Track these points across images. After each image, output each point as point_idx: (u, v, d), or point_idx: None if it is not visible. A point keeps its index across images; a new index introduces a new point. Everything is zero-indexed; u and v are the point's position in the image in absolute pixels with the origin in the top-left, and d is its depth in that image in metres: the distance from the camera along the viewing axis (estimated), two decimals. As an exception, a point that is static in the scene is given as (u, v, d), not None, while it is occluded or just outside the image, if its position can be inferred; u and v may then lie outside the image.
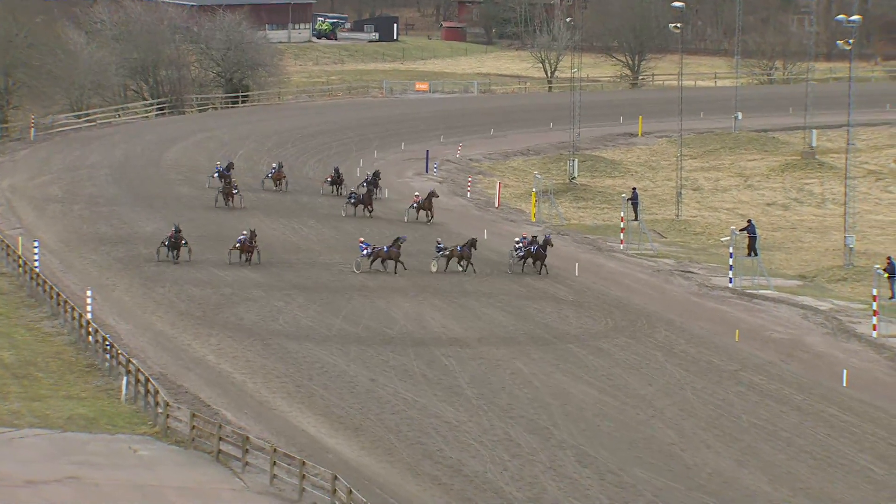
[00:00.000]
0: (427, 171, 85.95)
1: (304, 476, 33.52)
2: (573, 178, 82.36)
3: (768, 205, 78.41)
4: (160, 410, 38.52)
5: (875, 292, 49.61)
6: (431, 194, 66.64)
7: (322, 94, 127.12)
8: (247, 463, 35.34)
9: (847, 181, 64.09)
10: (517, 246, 55.91)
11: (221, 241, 62.16)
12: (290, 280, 55.87)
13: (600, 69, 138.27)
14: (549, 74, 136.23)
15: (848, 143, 65.16)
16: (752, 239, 58.02)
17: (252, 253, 56.84)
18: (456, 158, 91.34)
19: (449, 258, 56.21)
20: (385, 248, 56.58)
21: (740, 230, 58.46)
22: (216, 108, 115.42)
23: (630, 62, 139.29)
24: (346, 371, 43.58)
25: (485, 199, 78.16)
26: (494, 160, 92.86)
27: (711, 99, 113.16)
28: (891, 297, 49.74)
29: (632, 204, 66.14)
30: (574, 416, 39.54)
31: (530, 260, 56.20)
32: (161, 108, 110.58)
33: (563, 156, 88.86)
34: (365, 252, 56.57)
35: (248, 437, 35.75)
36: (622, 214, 66.16)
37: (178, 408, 38.71)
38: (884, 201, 78.60)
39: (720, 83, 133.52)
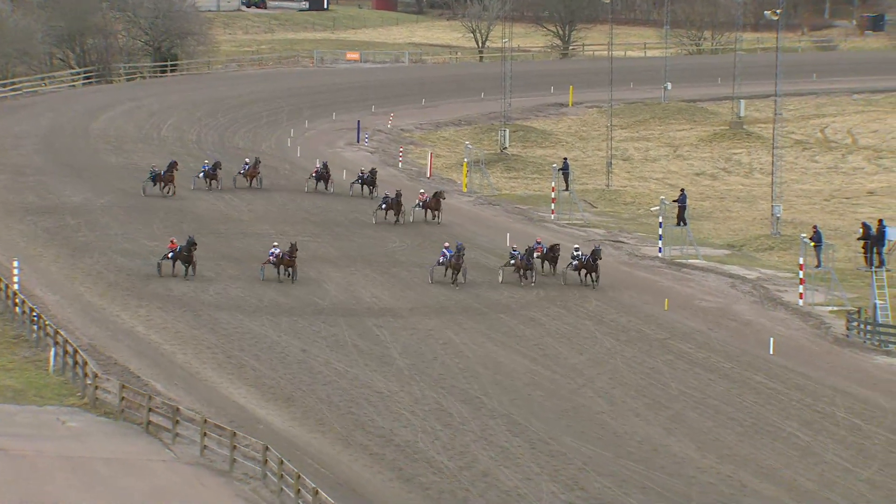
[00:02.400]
0: (358, 142, 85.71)
1: (234, 447, 33.42)
2: (504, 148, 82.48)
3: (697, 174, 78.98)
4: (89, 382, 38.21)
5: (801, 261, 50.17)
6: (438, 194, 61.29)
7: (252, 64, 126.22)
8: (177, 434, 35.17)
9: (774, 151, 64.69)
10: (573, 255, 50.75)
11: (150, 212, 61.68)
12: (220, 251, 55.53)
13: (531, 39, 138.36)
14: (480, 44, 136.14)
15: (775, 113, 65.77)
16: (682, 209, 58.44)
17: (293, 267, 50.06)
18: (387, 128, 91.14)
19: (516, 269, 50.59)
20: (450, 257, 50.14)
21: (673, 201, 58.84)
22: (144, 78, 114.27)
23: (560, 32, 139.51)
24: (278, 342, 43.45)
25: (416, 170, 78.10)
26: (426, 130, 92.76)
27: (641, 69, 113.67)
28: (817, 266, 50.35)
29: (563, 174, 66.37)
30: (505, 386, 39.70)
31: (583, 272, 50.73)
32: (88, 77, 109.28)
33: (494, 126, 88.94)
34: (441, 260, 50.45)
35: (178, 409, 35.57)
36: (553, 184, 66.38)
37: (107, 379, 38.42)
38: (810, 171, 79.44)
39: (650, 53, 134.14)
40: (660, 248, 57.61)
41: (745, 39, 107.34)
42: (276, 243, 51.12)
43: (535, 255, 51.11)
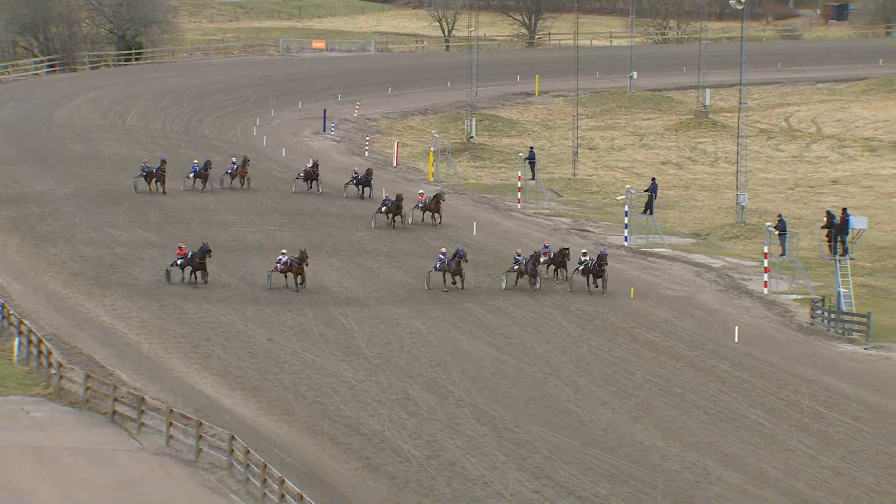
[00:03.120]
0: (325, 131, 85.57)
1: (200, 436, 33.35)
2: (471, 137, 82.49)
3: (663, 163, 79.20)
4: (54, 371, 38.04)
5: (766, 249, 50.40)
6: (438, 196, 58.97)
7: (217, 52, 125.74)
8: (142, 424, 35.06)
9: (739, 140, 64.94)
10: (580, 260, 48.87)
11: (115, 201, 61.42)
12: (186, 240, 55.32)
13: (497, 28, 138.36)
14: (447, 33, 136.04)
15: (740, 102, 66.01)
16: (651, 198, 58.56)
17: (301, 275, 47.40)
18: (353, 117, 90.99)
19: (519, 275, 48.57)
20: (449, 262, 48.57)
21: (644, 190, 58.99)
22: (109, 66, 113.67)
23: (527, 21, 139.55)
24: (244, 331, 43.36)
25: (383, 158, 78.03)
26: (392, 119, 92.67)
27: (607, 58, 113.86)
28: (781, 255, 50.61)
29: (529, 163, 66.45)
30: (472, 375, 39.74)
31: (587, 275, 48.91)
32: (52, 66, 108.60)
33: (460, 115, 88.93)
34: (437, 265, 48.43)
35: (143, 398, 35.46)
36: (519, 173, 66.44)
37: (72, 369, 38.24)
38: (775, 159, 79.79)
39: (615, 42, 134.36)
40: (626, 238, 57.78)
41: (710, 29, 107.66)
42: (284, 251, 48.34)
43: (541, 259, 48.96)
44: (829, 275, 49.12)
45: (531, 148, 70.62)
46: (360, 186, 63.05)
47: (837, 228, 47.10)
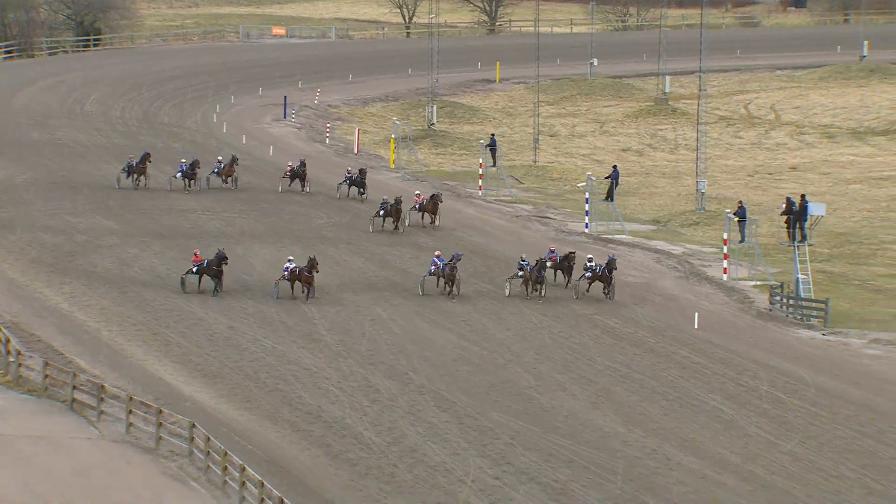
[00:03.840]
0: (285, 117, 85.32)
1: (160, 424, 33.23)
2: (432, 124, 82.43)
3: (623, 150, 79.41)
4: (12, 359, 37.78)
5: (726, 236, 50.64)
6: (435, 196, 56.08)
7: (177, 38, 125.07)
8: (102, 412, 34.89)
9: (699, 127, 65.19)
10: (586, 266, 46.54)
11: (74, 189, 61.04)
12: (145, 227, 55.07)
13: (458, 15, 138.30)
14: (407, 20, 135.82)
15: (700, 89, 66.26)
16: (613, 185, 58.72)
17: (311, 285, 44.80)
18: (314, 104, 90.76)
19: (524, 281, 45.98)
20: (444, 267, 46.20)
21: (606, 177, 59.10)
22: (67, 52, 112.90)
23: (487, 8, 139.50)
24: (204, 318, 43.20)
25: (344, 145, 77.89)
26: (353, 106, 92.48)
27: (567, 45, 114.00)
28: (740, 241, 50.85)
29: (490, 150, 66.48)
30: (433, 362, 39.76)
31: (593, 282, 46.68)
32: (9, 52, 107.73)
33: (421, 102, 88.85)
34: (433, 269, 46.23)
35: (103, 386, 35.28)
36: (481, 160, 66.47)
37: (31, 356, 38.00)
38: (734, 146, 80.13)
39: (576, 30, 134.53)
40: (586, 224, 57.92)
41: (670, 16, 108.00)
42: (291, 257, 45.65)
43: (547, 264, 46.41)
44: (787, 261, 49.39)
45: (492, 135, 70.65)
46: (354, 187, 59.85)
47: (796, 215, 47.35)
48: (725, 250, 50.54)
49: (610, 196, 58.37)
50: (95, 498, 30.55)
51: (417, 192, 58.05)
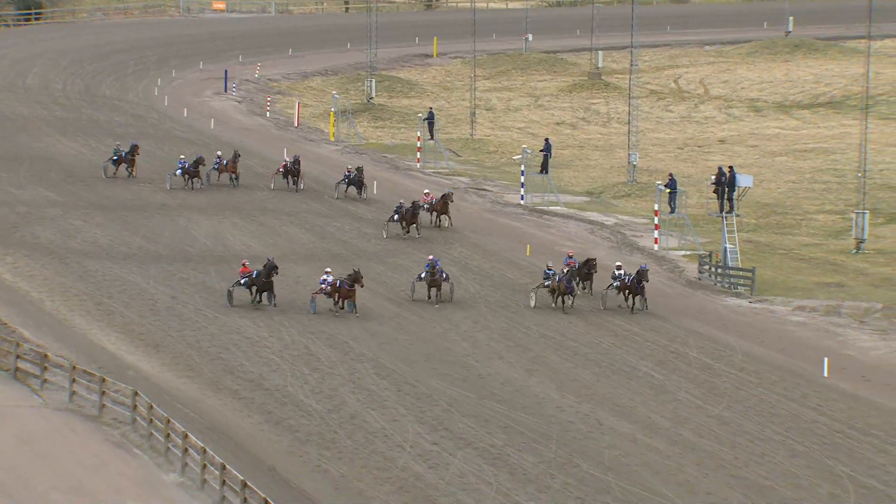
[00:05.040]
0: (226, 91, 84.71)
1: (104, 392, 33.00)
2: (370, 98, 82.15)
3: (557, 124, 79.57)
4: (-44, 331, 37.34)
5: (657, 207, 50.93)
6: (446, 196, 52.00)
7: (118, 13, 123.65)
8: (45, 380, 34.60)
9: (630, 101, 65.45)
10: (615, 275, 42.78)
11: (17, 161, 60.33)
12: (87, 199, 54.54)
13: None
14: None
15: (631, 64, 66.47)
16: (546, 157, 58.86)
17: (352, 299, 40.95)
18: (254, 78, 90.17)
19: (552, 291, 42.14)
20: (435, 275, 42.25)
21: (539, 150, 59.21)
22: (9, 26, 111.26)
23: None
24: (147, 289, 42.90)
25: (284, 119, 77.48)
26: (293, 80, 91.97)
27: (503, 21, 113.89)
28: (671, 212, 51.15)
29: (428, 123, 66.38)
30: (372, 331, 39.73)
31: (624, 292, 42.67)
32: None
33: (360, 76, 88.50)
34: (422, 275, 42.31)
35: (46, 355, 34.97)
36: (419, 134, 66.37)
37: (-25, 328, 37.57)
38: (664, 120, 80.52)
39: (511, 5, 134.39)
40: (522, 196, 58.05)
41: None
42: (328, 269, 41.82)
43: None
44: (716, 231, 49.77)
45: (430, 109, 70.53)
46: (352, 186, 55.58)
47: (725, 186, 47.67)
48: (656, 221, 50.84)
49: (544, 168, 58.50)
50: (39, 465, 30.31)
51: (427, 190, 53.62)
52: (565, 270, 42.19)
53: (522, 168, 58.20)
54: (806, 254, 50.22)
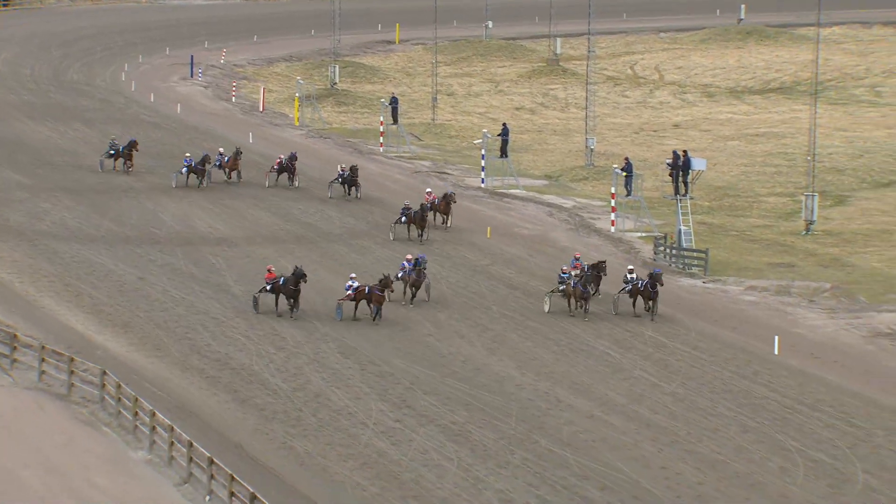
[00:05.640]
0: (192, 77, 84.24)
1: (73, 372, 32.81)
2: (334, 83, 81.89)
3: (517, 109, 79.57)
4: (-74, 312, 37.00)
5: (613, 190, 51.04)
6: (448, 196, 49.36)
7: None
8: (15, 360, 34.35)
9: (588, 87, 65.50)
10: (626, 279, 40.49)
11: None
12: (56, 182, 54.13)
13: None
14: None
15: (588, 51, 66.50)
16: (505, 142, 58.90)
17: (380, 304, 38.58)
18: (220, 64, 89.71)
19: (566, 296, 40.02)
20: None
21: (497, 135, 59.20)
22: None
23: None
24: (114, 270, 42.65)
25: (249, 104, 77.14)
26: (258, 66, 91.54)
27: (464, 8, 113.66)
28: (627, 195, 51.26)
29: (392, 109, 66.24)
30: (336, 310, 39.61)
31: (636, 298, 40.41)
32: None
33: (324, 62, 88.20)
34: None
35: (16, 335, 34.71)
36: (381, 118, 66.21)
37: (-55, 309, 37.27)
38: (621, 105, 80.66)
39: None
40: (482, 179, 58.04)
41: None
42: (353, 275, 39.50)
43: (571, 273, 40.25)
44: (670, 213, 49.93)
45: (393, 94, 70.36)
46: (347, 186, 53.06)
47: (679, 169, 47.82)
48: (613, 204, 50.96)
49: (504, 153, 58.51)
50: (9, 442, 30.11)
51: (429, 189, 50.92)
52: (571, 272, 40.14)
53: (483, 152, 58.18)
54: (757, 235, 50.48)
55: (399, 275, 40.39)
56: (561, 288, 40.03)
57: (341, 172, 53.55)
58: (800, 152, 62.90)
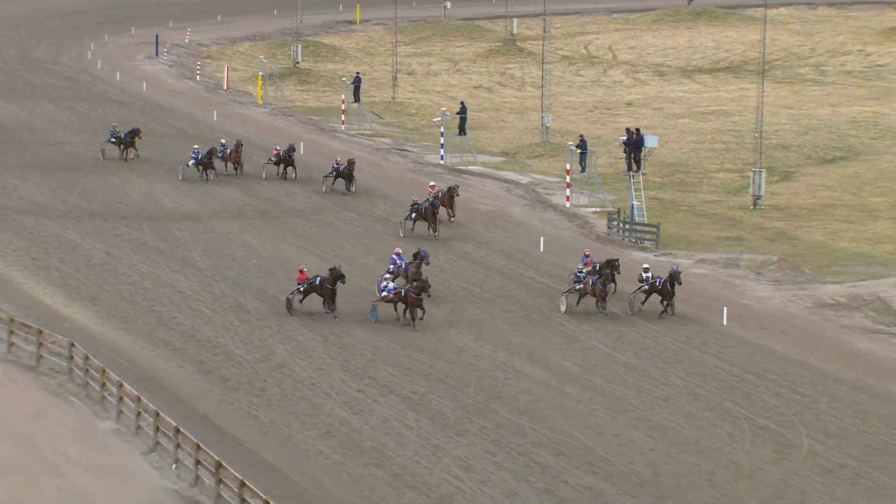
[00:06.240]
0: (157, 55, 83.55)
1: (41, 344, 32.55)
2: (297, 62, 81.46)
3: (475, 88, 79.43)
4: None
5: (568, 166, 51.07)
6: (452, 189, 46.57)
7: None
8: (-15, 334, 34.03)
9: (543, 66, 65.42)
10: (642, 277, 38.06)
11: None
12: (24, 159, 53.58)
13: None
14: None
15: (544, 31, 66.39)
16: (463, 119, 58.81)
17: (420, 307, 36.06)
18: (185, 43, 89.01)
19: (582, 295, 37.77)
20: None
21: (456, 113, 59.07)
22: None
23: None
24: (82, 245, 42.30)
25: (213, 83, 76.61)
26: (222, 45, 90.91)
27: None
28: (582, 171, 51.30)
29: (354, 87, 65.97)
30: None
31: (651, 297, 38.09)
32: None
33: (287, 41, 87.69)
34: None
35: (-15, 310, 34.38)
36: (343, 97, 65.93)
37: (-85, 283, 36.84)
38: (575, 84, 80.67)
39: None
40: (441, 156, 57.94)
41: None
42: (388, 275, 37.41)
43: (582, 271, 38.20)
44: (623, 189, 50.03)
45: (357, 73, 70.06)
46: (341, 179, 50.26)
47: (632, 146, 47.90)
48: (568, 180, 51.00)
49: (462, 130, 58.39)
50: (-20, 415, 29.88)
51: (432, 183, 48.07)
52: (583, 270, 38.07)
53: (442, 129, 58.05)
54: (707, 210, 50.68)
55: (390, 268, 38.31)
56: (577, 287, 37.51)
57: (336, 165, 50.49)
58: (747, 130, 63.16)
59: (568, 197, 50.79)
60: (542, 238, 45.16)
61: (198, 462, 26.58)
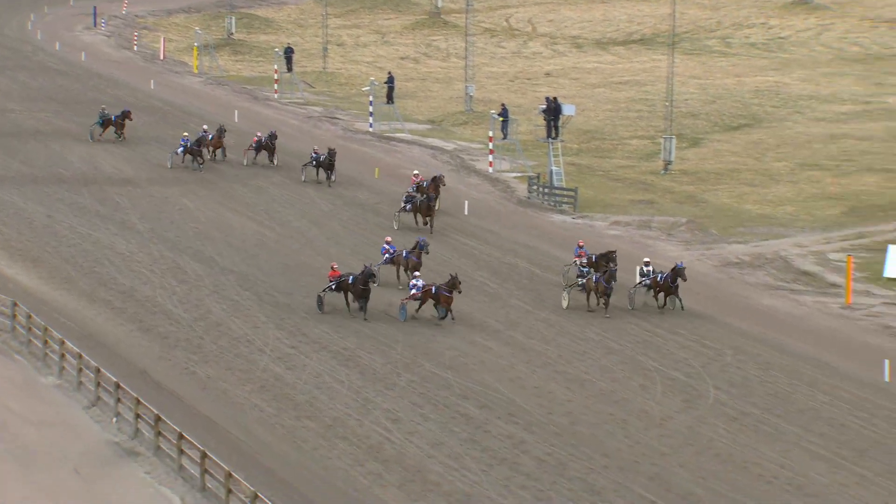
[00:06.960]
0: (95, 26, 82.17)
1: (-15, 305, 32.02)
2: (231, 33, 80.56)
3: (402, 58, 79.09)
4: None
5: (491, 134, 51.08)
6: (437, 179, 43.57)
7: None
8: (-70, 296, 33.41)
9: (467, 38, 65.27)
10: (643, 272, 35.31)
11: None
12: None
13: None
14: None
15: (467, 5, 66.16)
16: (391, 89, 58.54)
17: (449, 305, 33.46)
18: (122, 14, 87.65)
19: (588, 292, 34.79)
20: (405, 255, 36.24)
21: (384, 83, 58.77)
22: None
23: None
24: (24, 208, 41.62)
25: (150, 53, 75.55)
26: (158, 16, 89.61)
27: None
28: (503, 138, 51.35)
29: (286, 58, 65.39)
30: (236, 247, 39.23)
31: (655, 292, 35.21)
32: None
33: (221, 13, 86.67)
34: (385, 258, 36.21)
35: (-70, 272, 33.73)
36: (276, 67, 65.33)
37: None
38: (497, 55, 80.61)
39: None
40: (370, 124, 57.68)
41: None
42: (416, 273, 34.52)
43: (575, 262, 36.15)
44: (543, 155, 50.17)
45: (288, 44, 69.44)
46: (321, 169, 46.73)
47: (551, 114, 48.00)
48: (490, 146, 51.03)
49: (390, 99, 58.14)
50: (-75, 373, 29.37)
51: (416, 171, 45.06)
52: (576, 262, 35.93)
53: (370, 98, 57.75)
54: (621, 175, 50.99)
55: (385, 258, 36.47)
56: (580, 283, 34.93)
57: (315, 154, 46.91)
58: (659, 99, 63.57)
59: (490, 163, 50.83)
60: (466, 202, 45.17)
61: (137, 416, 26.38)
